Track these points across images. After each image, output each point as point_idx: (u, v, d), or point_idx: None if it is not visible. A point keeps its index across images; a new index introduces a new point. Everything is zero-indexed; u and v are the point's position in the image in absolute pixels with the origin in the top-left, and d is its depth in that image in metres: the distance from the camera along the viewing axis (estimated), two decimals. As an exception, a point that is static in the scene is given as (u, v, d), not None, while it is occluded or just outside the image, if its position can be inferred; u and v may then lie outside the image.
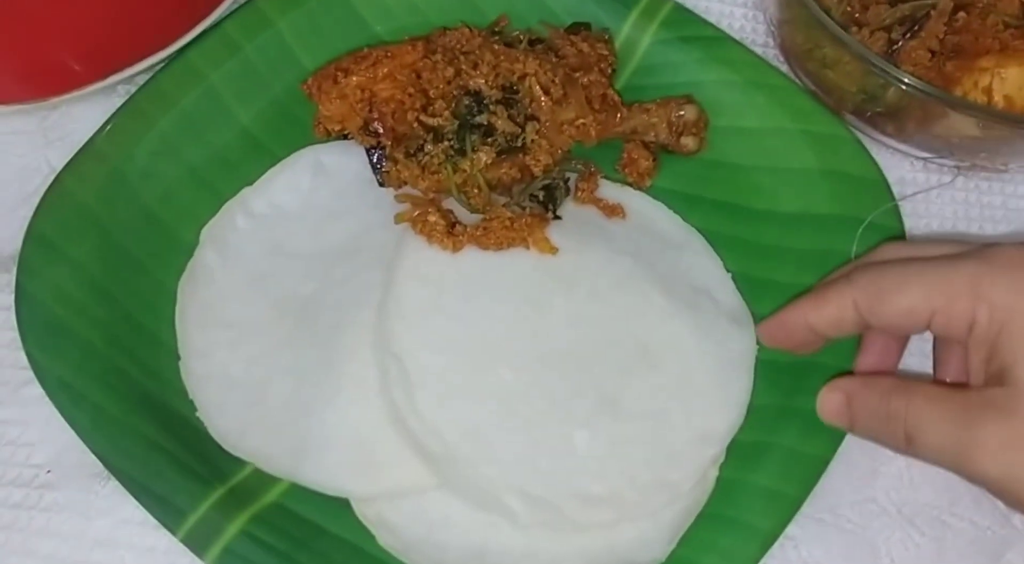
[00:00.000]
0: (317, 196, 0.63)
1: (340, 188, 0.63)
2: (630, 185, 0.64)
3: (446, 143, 0.59)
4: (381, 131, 0.60)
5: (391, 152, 0.60)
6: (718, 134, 0.65)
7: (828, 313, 0.50)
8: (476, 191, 0.60)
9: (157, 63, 0.63)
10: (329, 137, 0.63)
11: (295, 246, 0.61)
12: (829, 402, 0.51)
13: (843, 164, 0.63)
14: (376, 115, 0.60)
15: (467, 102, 0.60)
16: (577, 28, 0.66)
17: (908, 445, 0.46)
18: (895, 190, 0.62)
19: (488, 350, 0.57)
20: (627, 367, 0.58)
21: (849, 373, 0.56)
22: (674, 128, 0.63)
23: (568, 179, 0.63)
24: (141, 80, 0.64)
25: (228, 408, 0.57)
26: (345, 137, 0.63)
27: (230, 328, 0.59)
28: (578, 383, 0.57)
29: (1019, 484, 0.43)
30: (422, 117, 0.60)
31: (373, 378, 0.56)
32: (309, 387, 0.57)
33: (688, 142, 0.64)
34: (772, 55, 0.71)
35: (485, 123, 0.60)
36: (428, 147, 0.59)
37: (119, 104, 0.62)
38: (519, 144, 0.60)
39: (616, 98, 0.64)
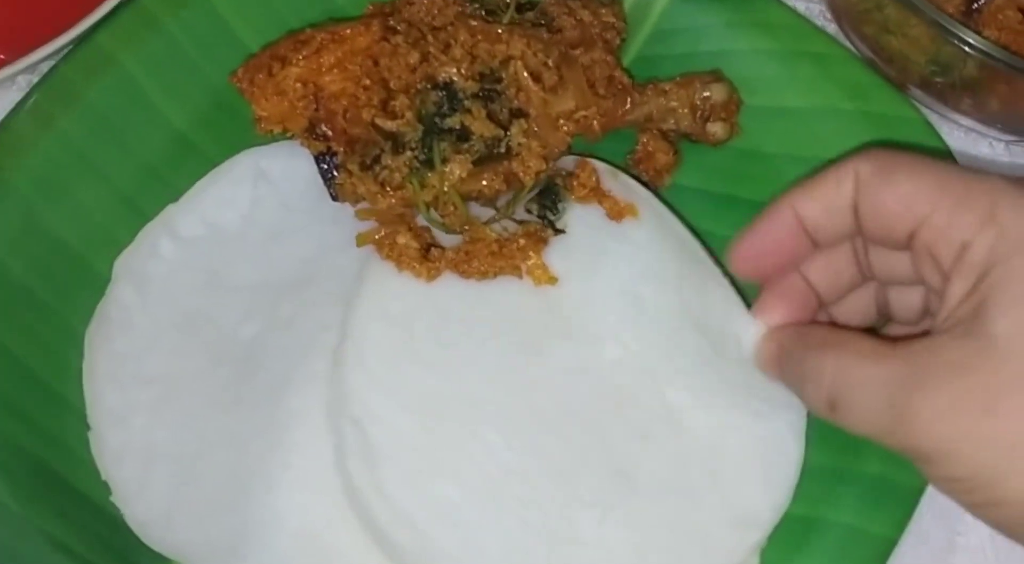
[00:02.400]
0: (260, 211, 0.57)
1: (287, 200, 0.57)
2: (644, 184, 0.57)
3: (409, 153, 0.53)
4: (330, 134, 0.54)
5: (344, 161, 0.54)
6: (753, 118, 0.60)
7: (824, 191, 0.45)
8: (451, 209, 0.53)
9: (63, 48, 0.57)
10: (273, 137, 0.57)
11: (234, 276, 0.56)
12: (765, 351, 0.48)
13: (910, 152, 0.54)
14: (323, 114, 0.54)
15: (436, 98, 0.54)
16: (576, -12, 0.59)
17: (832, 412, 0.43)
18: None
19: (471, 409, 0.50)
20: (645, 431, 0.51)
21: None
22: (699, 112, 0.58)
23: (566, 174, 0.54)
24: (45, 69, 0.58)
25: (150, 490, 0.52)
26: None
27: (152, 385, 0.54)
28: (584, 451, 0.50)
29: (959, 459, 0.38)
30: (379, 118, 0.53)
31: (328, 448, 0.50)
32: (251, 460, 0.51)
33: (716, 129, 0.58)
34: (819, 16, 0.66)
35: (457, 126, 0.53)
36: (387, 159, 0.52)
37: (16, 100, 0.56)
38: (503, 149, 0.54)
39: (626, 80, 0.58)
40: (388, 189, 0.53)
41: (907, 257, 0.44)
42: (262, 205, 0.57)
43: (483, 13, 0.57)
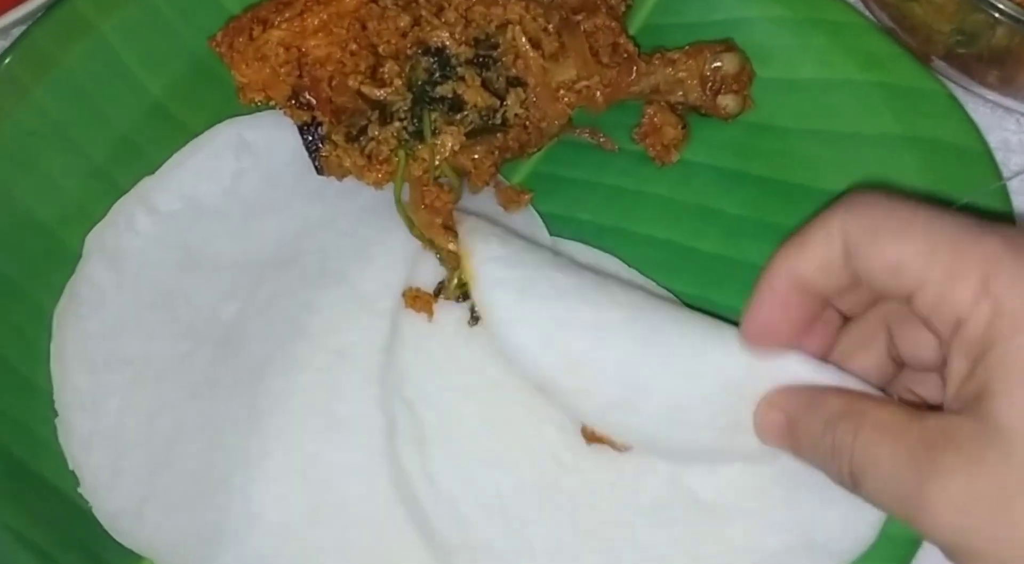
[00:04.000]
0: (241, 185, 0.56)
1: (271, 174, 0.56)
2: (652, 160, 0.56)
3: (397, 124, 0.51)
4: (315, 103, 0.52)
5: (330, 131, 0.52)
6: (766, 90, 0.58)
7: (815, 251, 0.43)
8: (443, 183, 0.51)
9: (36, 11, 0.56)
10: (257, 106, 0.55)
11: (214, 253, 0.54)
12: (768, 423, 0.45)
13: (932, 127, 0.56)
14: (307, 81, 0.52)
15: (427, 65, 0.52)
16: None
17: (855, 487, 0.41)
18: (998, 158, 0.56)
19: (531, 400, 0.48)
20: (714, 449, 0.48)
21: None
22: (709, 84, 0.56)
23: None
24: (17, 34, 0.57)
25: (121, 479, 0.50)
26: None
27: (126, 368, 0.52)
28: (647, 459, 0.49)
29: (977, 556, 0.37)
30: (365, 85, 0.51)
31: (312, 434, 0.50)
32: (228, 449, 0.50)
33: (727, 102, 0.57)
34: (836, -19, 0.65)
35: (450, 95, 0.51)
36: (373, 129, 0.51)
37: (-14, 67, 0.55)
38: (498, 121, 0.52)
39: (631, 48, 0.56)
40: (375, 162, 0.51)
41: None
42: (244, 178, 0.56)
43: (479, -25, 0.55)
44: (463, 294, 0.49)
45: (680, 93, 0.57)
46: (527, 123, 0.53)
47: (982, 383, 0.38)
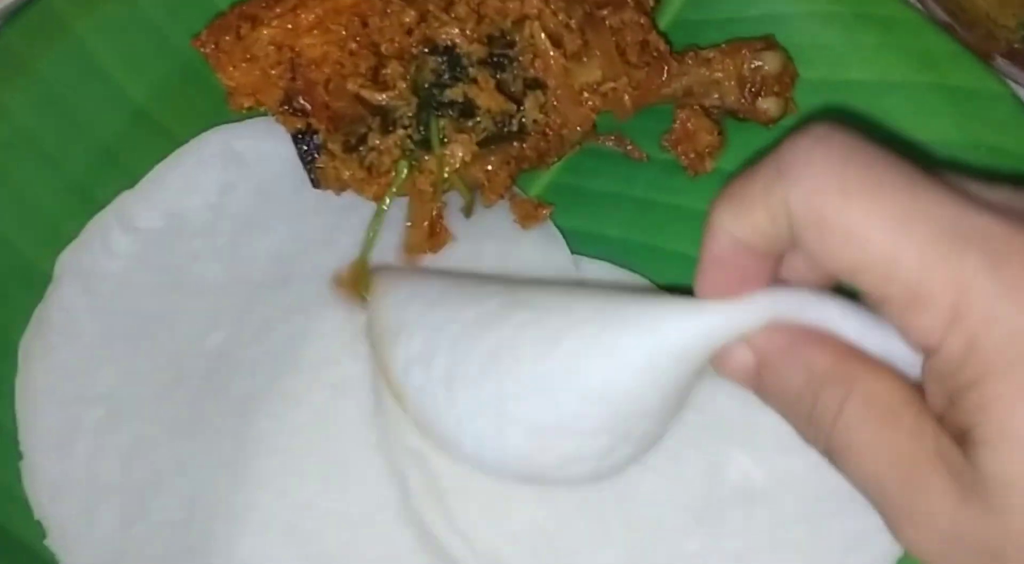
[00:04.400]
0: (230, 200, 0.54)
1: (263, 187, 0.54)
2: (684, 169, 0.54)
3: (401, 132, 0.49)
4: (310, 108, 0.51)
5: (326, 140, 0.50)
6: (810, 93, 0.56)
7: (753, 219, 0.37)
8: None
9: (6, 10, 0.55)
10: (247, 113, 0.54)
11: (199, 276, 0.53)
12: (733, 360, 0.41)
13: (994, 134, 0.54)
14: (301, 84, 0.51)
15: (435, 65, 0.50)
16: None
17: (829, 458, 0.38)
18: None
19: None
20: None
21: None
22: (748, 86, 0.54)
23: None
24: None
25: (94, 530, 0.48)
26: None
27: (100, 404, 0.50)
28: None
29: None
30: (365, 89, 0.49)
31: (306, 481, 0.48)
32: (212, 497, 0.48)
33: (767, 106, 0.55)
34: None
35: (460, 99, 0.50)
36: (375, 138, 0.49)
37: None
38: (515, 127, 0.51)
39: (662, 46, 0.54)
40: (377, 175, 0.49)
41: None
42: (233, 192, 0.54)
43: (492, -36, 0.54)
44: None
45: (716, 96, 0.55)
46: (547, 130, 0.51)
47: (964, 425, 0.35)
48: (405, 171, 0.48)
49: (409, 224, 0.50)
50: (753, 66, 0.54)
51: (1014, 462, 0.33)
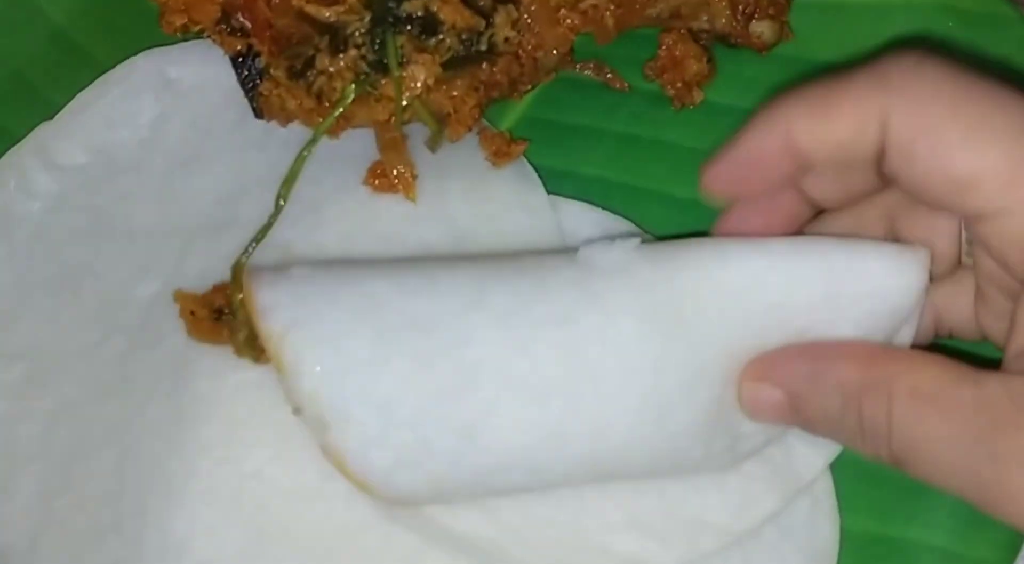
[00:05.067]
0: (163, 133, 0.52)
1: (200, 118, 0.52)
2: (670, 101, 0.53)
3: (353, 52, 0.46)
4: (250, 28, 0.47)
5: (269, 65, 0.47)
6: (808, 15, 0.54)
7: (838, 131, 0.38)
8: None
9: None
10: (182, 35, 0.51)
11: (129, 218, 0.50)
12: (762, 402, 0.41)
13: (1010, 60, 0.52)
14: (240, 0, 0.46)
15: None
16: None
17: (900, 467, 0.38)
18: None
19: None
20: None
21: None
22: (740, 7, 0.52)
23: None
24: None
25: (10, 504, 0.45)
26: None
27: (16, 363, 0.48)
28: None
29: None
30: (311, 4, 0.46)
31: (250, 447, 0.44)
32: (144, 465, 0.45)
33: (761, 30, 0.53)
34: None
35: (421, 13, 0.46)
36: (323, 61, 0.46)
37: None
38: (484, 47, 0.48)
39: None
40: (326, 103, 0.46)
41: None
42: (167, 125, 0.52)
43: None
44: None
45: (705, 18, 0.53)
46: (520, 51, 0.49)
47: None
48: (351, 95, 0.45)
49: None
50: (746, -16, 0.51)
51: None
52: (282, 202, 0.46)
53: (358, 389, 0.38)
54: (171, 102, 0.52)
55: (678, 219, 0.51)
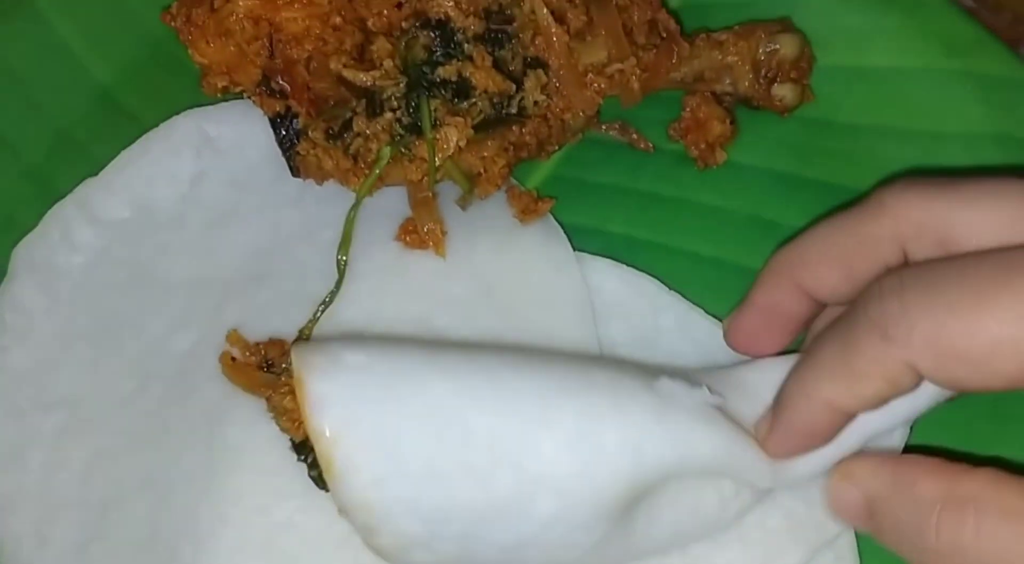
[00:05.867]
0: (202, 190, 0.52)
1: (238, 176, 0.53)
2: (694, 161, 0.53)
3: (389, 115, 0.46)
4: (289, 90, 0.48)
5: (307, 125, 0.48)
6: (829, 79, 0.55)
7: (868, 390, 0.38)
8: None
9: None
10: (222, 95, 0.52)
11: (167, 271, 0.51)
12: (844, 500, 0.42)
13: None
14: (281, 63, 0.48)
15: (426, 41, 0.48)
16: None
17: None
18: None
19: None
20: None
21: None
22: (762, 71, 0.53)
23: None
24: None
25: (48, 549, 0.46)
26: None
27: (56, 411, 0.48)
28: None
29: None
30: (349, 68, 0.47)
31: (281, 497, 0.44)
32: (178, 512, 0.45)
33: (783, 93, 0.54)
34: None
35: (454, 79, 0.47)
36: (360, 123, 0.46)
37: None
38: (514, 110, 0.48)
39: (672, 25, 0.53)
40: (362, 164, 0.46)
41: None
42: (205, 182, 0.53)
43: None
44: None
45: (728, 81, 0.54)
46: (548, 114, 0.49)
47: None
48: (388, 156, 0.45)
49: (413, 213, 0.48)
50: (768, 50, 0.53)
51: None
52: (343, 264, 0.46)
53: (410, 501, 0.36)
54: (210, 159, 0.53)
55: (701, 276, 0.51)
